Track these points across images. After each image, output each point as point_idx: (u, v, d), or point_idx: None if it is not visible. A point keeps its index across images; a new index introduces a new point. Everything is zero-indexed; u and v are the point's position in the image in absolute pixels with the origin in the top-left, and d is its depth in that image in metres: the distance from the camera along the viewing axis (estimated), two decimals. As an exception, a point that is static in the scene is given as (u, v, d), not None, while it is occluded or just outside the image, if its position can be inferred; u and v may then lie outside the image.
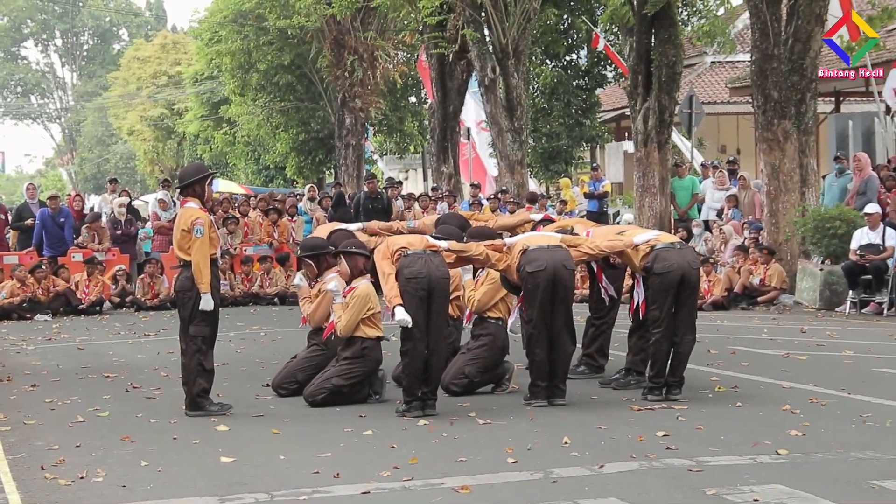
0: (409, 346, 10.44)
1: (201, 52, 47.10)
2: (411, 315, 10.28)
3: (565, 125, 36.05)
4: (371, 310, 11.19)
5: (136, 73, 75.06)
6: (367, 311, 11.16)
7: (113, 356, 15.48)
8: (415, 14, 30.07)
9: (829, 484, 7.56)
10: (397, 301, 10.33)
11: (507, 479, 7.89)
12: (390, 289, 10.43)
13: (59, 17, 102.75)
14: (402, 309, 10.27)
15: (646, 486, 7.63)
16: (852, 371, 12.67)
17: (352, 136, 38.09)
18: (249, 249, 24.43)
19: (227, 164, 57.69)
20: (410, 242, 10.73)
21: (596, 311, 12.70)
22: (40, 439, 9.70)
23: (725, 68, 39.72)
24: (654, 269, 11.00)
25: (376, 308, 11.24)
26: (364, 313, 11.14)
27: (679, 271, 10.95)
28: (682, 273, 10.96)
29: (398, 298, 10.33)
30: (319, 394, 11.12)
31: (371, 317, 11.20)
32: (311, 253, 12.01)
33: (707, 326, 17.09)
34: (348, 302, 11.13)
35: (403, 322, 10.26)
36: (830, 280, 19.89)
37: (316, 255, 11.94)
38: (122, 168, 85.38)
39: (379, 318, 11.28)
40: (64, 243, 23.73)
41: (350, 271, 11.28)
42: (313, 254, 11.97)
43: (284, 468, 8.35)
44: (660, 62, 23.75)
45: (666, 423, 9.80)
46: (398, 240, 10.88)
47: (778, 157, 21.13)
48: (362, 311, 11.13)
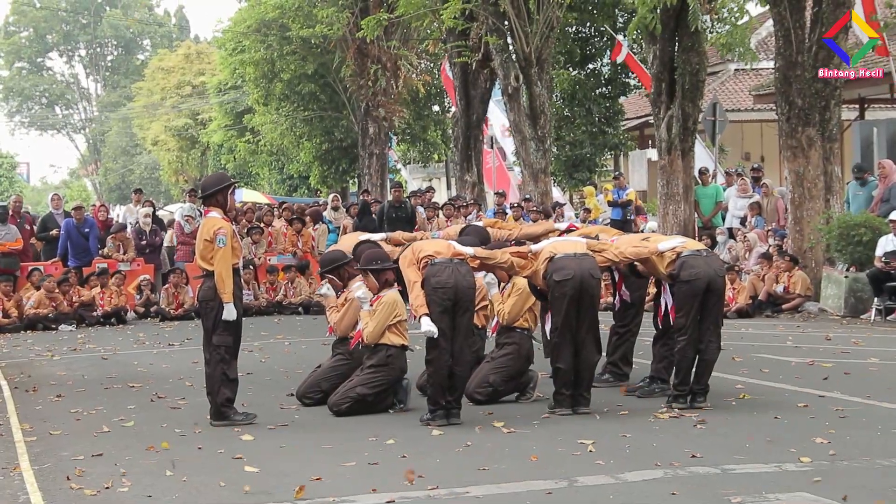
0: (433, 354, 10.44)
1: (225, 61, 47.22)
2: (437, 324, 10.29)
3: (588, 133, 36.03)
4: (398, 317, 11.20)
5: (160, 84, 75.34)
6: (394, 318, 11.17)
7: (138, 366, 15.52)
8: (438, 23, 30.09)
9: (855, 492, 7.53)
10: (423, 311, 10.33)
11: (531, 487, 7.88)
12: (416, 297, 10.44)
13: (82, 28, 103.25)
14: (427, 319, 10.28)
15: (670, 494, 7.61)
16: (878, 378, 12.62)
17: (375, 146, 38.10)
18: (273, 259, 24.48)
19: (251, 173, 57.83)
20: (437, 250, 10.73)
21: (620, 319, 12.71)
22: (66, 449, 9.73)
23: (749, 76, 39.65)
24: (681, 277, 11.00)
25: (403, 316, 11.25)
26: (391, 320, 11.15)
27: (706, 279, 10.95)
28: (709, 280, 10.96)
29: (424, 308, 10.34)
30: (344, 403, 11.13)
31: (397, 324, 11.21)
32: (332, 267, 12.08)
33: (731, 334, 17.05)
34: (375, 309, 11.15)
35: (429, 333, 10.27)
36: (855, 287, 19.80)
37: (336, 269, 12.00)
38: (146, 178, 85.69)
39: (405, 326, 11.30)
40: (89, 254, 23.80)
41: (378, 286, 11.31)
42: (333, 267, 12.04)
43: (308, 478, 8.35)
44: (683, 70, 23.70)
45: (690, 431, 9.79)
46: (425, 246, 10.86)
47: (802, 165, 21.07)
48: (389, 318, 11.14)
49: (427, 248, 10.81)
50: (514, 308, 11.67)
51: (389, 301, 11.18)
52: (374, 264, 11.29)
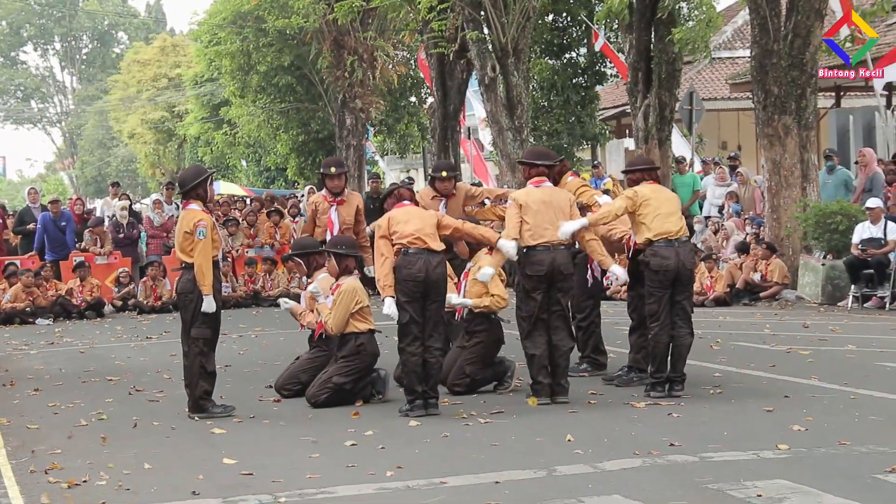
0: (405, 342, 10.45)
1: (201, 54, 47.05)
2: (404, 312, 10.30)
3: (566, 123, 36.01)
4: (359, 304, 11.15)
5: (136, 76, 75.00)
6: (356, 306, 11.13)
7: (115, 359, 15.50)
8: (414, 14, 30.03)
9: (833, 478, 7.56)
10: (389, 291, 10.34)
11: (510, 477, 7.89)
12: (385, 275, 10.43)
13: (57, 21, 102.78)
14: (391, 301, 10.30)
15: (649, 483, 7.63)
16: (855, 365, 12.66)
17: (352, 137, 38.00)
18: (251, 251, 24.45)
19: (229, 165, 57.69)
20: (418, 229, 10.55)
21: (579, 312, 12.57)
22: (43, 443, 9.71)
23: (725, 64, 39.68)
24: (652, 265, 11.03)
25: (364, 302, 11.22)
26: (352, 308, 11.11)
27: (675, 269, 11.01)
28: (678, 270, 11.01)
29: (391, 289, 10.35)
30: (322, 394, 11.12)
31: (360, 311, 11.17)
32: (301, 252, 12.12)
33: (709, 322, 17.10)
34: (336, 298, 11.11)
35: (392, 315, 10.30)
36: (832, 275, 19.86)
37: (305, 255, 12.01)
38: (123, 171, 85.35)
39: (368, 311, 11.28)
40: (66, 247, 23.74)
41: (339, 271, 11.30)
42: (303, 253, 12.08)
43: (288, 469, 8.34)
44: (660, 59, 23.74)
45: (668, 420, 9.81)
46: (402, 228, 10.57)
47: (779, 153, 21.10)
48: (350, 307, 11.09)
49: (406, 227, 10.56)
50: (476, 290, 11.54)
51: (349, 289, 11.13)
52: (338, 248, 11.31)
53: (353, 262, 11.37)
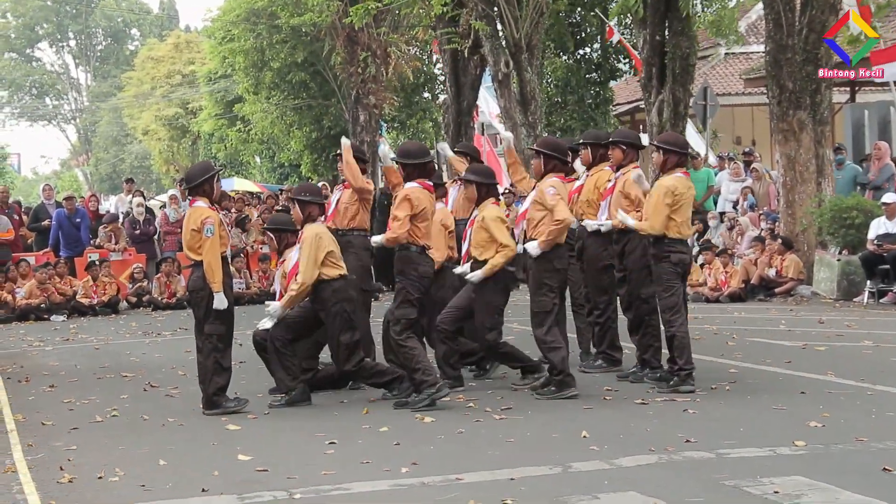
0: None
1: (214, 50, 47.13)
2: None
3: (579, 119, 35.96)
4: (325, 249, 10.80)
5: (150, 73, 75.18)
6: (322, 252, 10.79)
7: (130, 356, 15.51)
8: (426, 10, 30.01)
9: (850, 475, 7.52)
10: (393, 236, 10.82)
11: (525, 473, 7.87)
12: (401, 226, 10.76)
13: (72, 19, 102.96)
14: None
15: (665, 479, 7.60)
16: (871, 361, 12.62)
17: (366, 133, 38.02)
18: (265, 248, 24.44)
19: (242, 162, 57.76)
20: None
21: (595, 309, 12.50)
22: (58, 440, 9.72)
23: (740, 59, 39.59)
24: (672, 258, 11.03)
25: (330, 247, 10.87)
26: (319, 255, 10.77)
27: (688, 263, 11.32)
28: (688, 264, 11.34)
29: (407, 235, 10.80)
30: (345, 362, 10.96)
31: (327, 256, 10.80)
32: (276, 227, 12.07)
33: (724, 318, 17.07)
34: (301, 249, 10.85)
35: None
36: (848, 270, 19.80)
37: (279, 231, 11.92)
38: (137, 168, 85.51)
39: (338, 256, 10.98)
40: (80, 244, 23.79)
41: (302, 218, 11.07)
42: (277, 228, 12.01)
43: (303, 466, 8.33)
44: (673, 54, 23.66)
45: (684, 416, 9.78)
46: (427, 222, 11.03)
47: (793, 148, 21.04)
48: (316, 253, 10.76)
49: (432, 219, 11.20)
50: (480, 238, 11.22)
51: (310, 236, 10.81)
52: (302, 195, 11.16)
53: (316, 209, 11.06)
